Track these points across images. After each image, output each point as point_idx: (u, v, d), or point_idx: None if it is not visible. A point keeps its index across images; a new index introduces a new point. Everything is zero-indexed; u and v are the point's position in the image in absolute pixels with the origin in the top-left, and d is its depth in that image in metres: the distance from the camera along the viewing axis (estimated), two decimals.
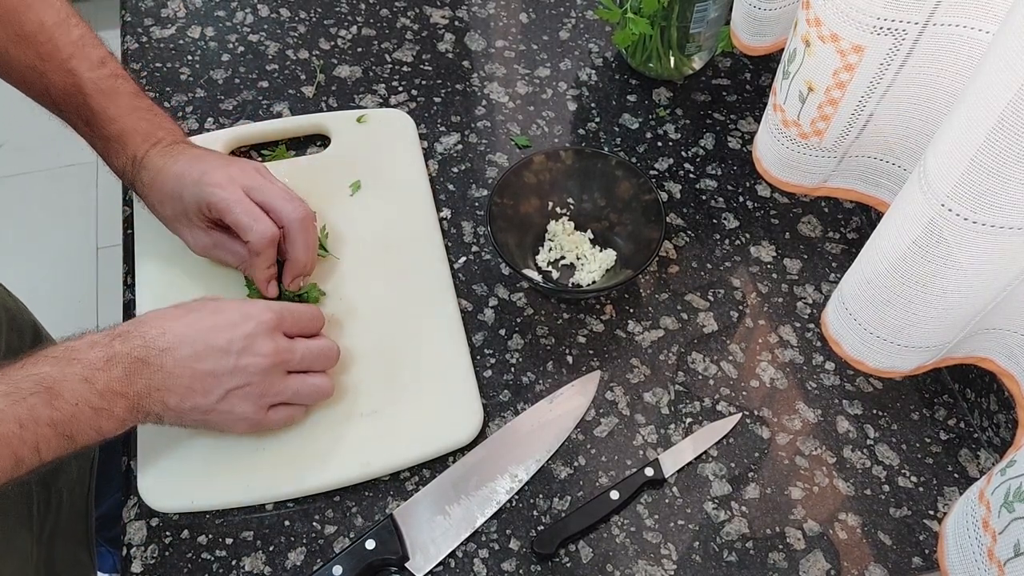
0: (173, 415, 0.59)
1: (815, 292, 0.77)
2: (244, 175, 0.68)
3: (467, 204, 0.83)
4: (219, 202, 0.66)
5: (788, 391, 0.72)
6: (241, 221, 0.66)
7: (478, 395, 0.69)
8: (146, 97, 0.72)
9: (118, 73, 0.70)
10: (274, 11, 0.97)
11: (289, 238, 0.69)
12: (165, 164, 0.68)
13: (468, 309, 0.76)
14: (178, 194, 0.68)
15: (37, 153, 1.99)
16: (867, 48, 0.52)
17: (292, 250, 0.69)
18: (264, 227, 0.67)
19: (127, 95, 0.70)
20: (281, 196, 0.68)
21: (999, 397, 0.67)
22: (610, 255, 0.77)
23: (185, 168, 0.68)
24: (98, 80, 0.68)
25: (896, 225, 0.49)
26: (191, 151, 0.70)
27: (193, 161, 0.68)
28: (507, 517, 0.65)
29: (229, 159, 0.70)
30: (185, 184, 0.67)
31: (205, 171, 0.67)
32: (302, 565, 0.63)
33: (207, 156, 0.69)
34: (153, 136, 0.70)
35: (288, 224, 0.68)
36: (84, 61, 0.68)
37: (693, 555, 0.64)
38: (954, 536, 0.51)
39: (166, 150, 0.69)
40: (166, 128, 0.71)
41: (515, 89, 0.91)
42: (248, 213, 0.66)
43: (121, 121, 0.69)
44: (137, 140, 0.69)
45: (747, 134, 0.88)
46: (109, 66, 0.70)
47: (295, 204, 0.68)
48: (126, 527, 0.64)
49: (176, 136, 0.71)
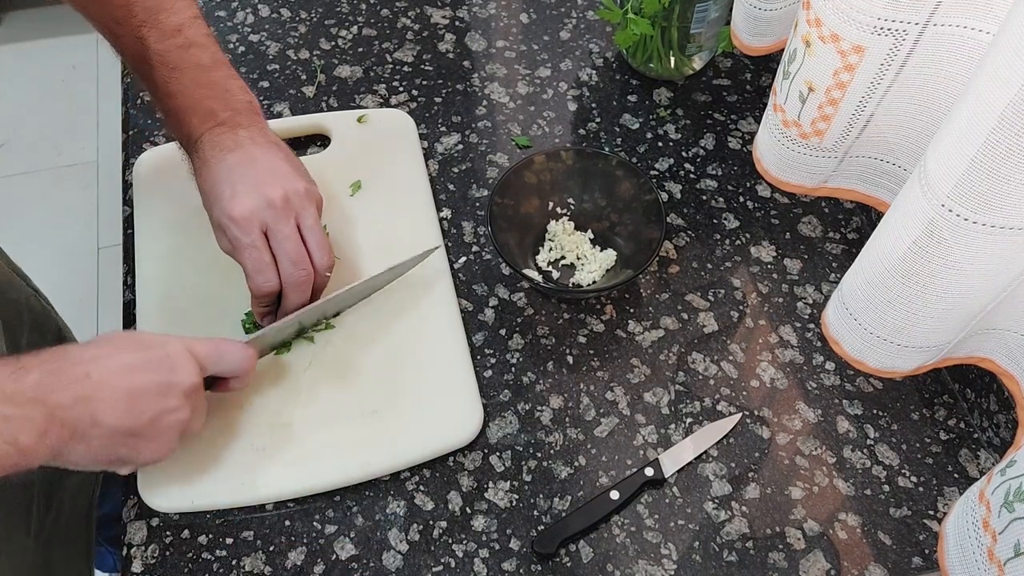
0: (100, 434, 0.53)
1: (815, 292, 0.77)
2: (271, 212, 0.64)
3: (467, 204, 0.83)
4: (232, 240, 0.65)
5: (788, 391, 0.72)
6: (246, 266, 0.65)
7: (478, 395, 0.69)
8: (221, 69, 0.68)
9: (194, 41, 0.67)
10: (275, 11, 0.97)
11: (284, 293, 0.67)
12: (211, 158, 0.65)
13: (468, 309, 0.76)
14: (209, 200, 0.66)
15: (37, 153, 2.00)
16: (867, 48, 0.52)
17: (284, 303, 0.68)
18: (263, 281, 0.65)
19: (194, 69, 0.67)
20: (289, 255, 0.65)
21: (999, 397, 0.67)
22: (610, 255, 0.77)
23: (222, 178, 0.65)
24: (165, 52, 0.66)
25: (896, 225, 0.49)
26: (242, 150, 0.66)
27: (235, 169, 0.65)
28: (507, 517, 0.65)
29: (278, 175, 0.66)
30: (216, 197, 0.65)
31: (236, 192, 0.64)
32: (302, 565, 0.63)
33: (253, 166, 0.65)
34: (213, 117, 0.67)
35: (284, 283, 0.66)
36: (155, 30, 0.65)
37: (693, 555, 0.64)
38: (954, 536, 0.51)
39: (220, 139, 0.66)
40: (232, 108, 0.68)
41: (516, 89, 0.91)
42: (254, 263, 0.65)
43: (181, 98, 0.67)
44: (194, 121, 0.67)
45: (747, 134, 0.88)
46: (185, 33, 0.66)
47: (297, 267, 0.65)
48: (126, 527, 0.64)
49: (240, 118, 0.68)
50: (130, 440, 0.55)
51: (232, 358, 0.62)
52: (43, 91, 2.10)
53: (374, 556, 0.63)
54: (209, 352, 0.60)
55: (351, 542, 0.64)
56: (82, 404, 0.52)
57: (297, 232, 0.66)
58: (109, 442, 0.54)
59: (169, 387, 0.56)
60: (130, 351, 0.56)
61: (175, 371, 0.57)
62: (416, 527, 0.65)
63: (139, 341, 0.57)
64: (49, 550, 0.78)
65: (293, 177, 0.67)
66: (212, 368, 0.61)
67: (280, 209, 0.65)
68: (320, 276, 0.68)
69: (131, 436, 0.55)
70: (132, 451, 0.56)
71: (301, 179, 0.68)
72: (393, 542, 0.64)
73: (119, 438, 0.54)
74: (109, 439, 0.54)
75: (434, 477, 0.67)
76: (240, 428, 0.67)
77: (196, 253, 0.75)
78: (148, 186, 0.80)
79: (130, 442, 0.55)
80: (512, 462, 0.68)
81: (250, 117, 0.69)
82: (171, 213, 0.78)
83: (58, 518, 0.80)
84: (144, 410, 0.55)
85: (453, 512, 0.65)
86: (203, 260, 0.74)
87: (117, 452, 0.55)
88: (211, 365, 0.60)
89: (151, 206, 0.79)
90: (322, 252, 0.67)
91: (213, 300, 0.73)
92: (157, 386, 0.55)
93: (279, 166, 0.67)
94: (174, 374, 0.56)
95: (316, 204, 0.68)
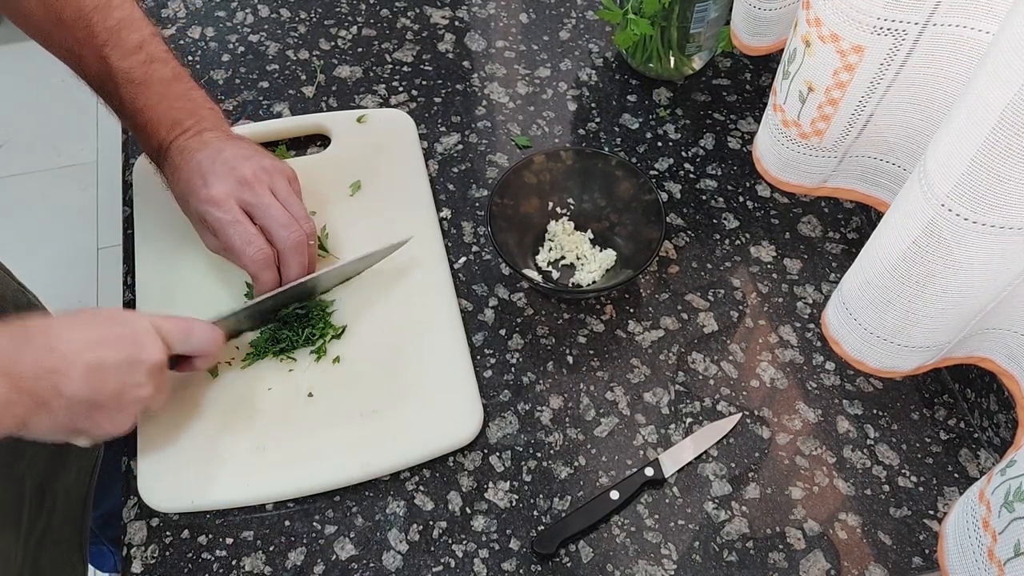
0: (63, 405, 0.54)
1: (815, 292, 0.77)
2: (246, 189, 0.66)
3: (467, 204, 0.83)
4: (213, 222, 0.66)
5: (788, 391, 0.72)
6: (234, 244, 0.66)
7: (478, 395, 0.69)
8: (183, 82, 0.70)
9: (156, 57, 0.69)
10: (274, 11, 0.97)
11: (283, 261, 0.68)
12: (181, 161, 0.67)
13: (468, 309, 0.76)
14: (185, 199, 0.68)
15: (37, 153, 2.00)
16: (867, 48, 0.52)
17: (286, 272, 0.68)
18: (254, 251, 0.66)
19: (159, 83, 0.68)
20: (277, 219, 0.67)
21: (999, 397, 0.67)
22: (610, 255, 0.77)
23: (194, 173, 0.66)
24: (129, 69, 0.67)
25: (896, 225, 0.49)
26: (209, 147, 0.68)
27: (204, 163, 0.67)
28: (507, 517, 0.65)
29: (245, 157, 0.68)
30: (190, 191, 0.67)
31: (208, 182, 0.66)
32: (302, 565, 0.63)
33: (220, 156, 0.67)
34: (179, 125, 0.68)
35: (281, 250, 0.67)
36: (117, 49, 0.67)
37: (693, 555, 0.64)
38: (954, 536, 0.51)
39: (187, 143, 0.68)
40: (197, 115, 0.69)
41: (515, 89, 0.91)
42: (240, 236, 0.66)
43: (148, 112, 0.68)
44: (162, 132, 0.68)
45: (747, 134, 0.88)
46: (147, 50, 0.68)
47: (290, 229, 0.67)
48: (126, 527, 0.64)
49: (205, 123, 0.69)
50: (92, 412, 0.56)
51: (199, 337, 0.63)
52: (43, 91, 2.10)
53: (374, 556, 0.63)
54: (176, 330, 0.61)
55: (351, 542, 0.64)
56: (46, 376, 0.52)
57: (277, 200, 0.68)
58: (70, 414, 0.55)
59: (134, 364, 0.57)
60: (97, 326, 0.57)
61: (141, 348, 0.57)
62: (416, 527, 0.65)
63: (106, 317, 0.58)
64: (39, 552, 0.77)
65: (259, 157, 0.69)
66: (179, 347, 0.61)
67: (254, 184, 0.67)
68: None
69: (93, 408, 0.56)
70: (92, 424, 0.57)
71: (267, 157, 0.70)
72: (393, 542, 0.64)
73: (81, 410, 0.55)
74: (71, 411, 0.55)
75: (434, 477, 0.67)
76: (240, 428, 0.67)
77: (196, 253, 0.74)
78: (148, 186, 0.80)
79: (91, 414, 0.56)
80: (512, 462, 0.68)
81: (214, 121, 0.71)
82: (171, 213, 0.77)
83: (50, 518, 0.79)
84: (108, 384, 0.55)
85: (453, 512, 0.65)
86: (203, 260, 0.74)
87: (77, 423, 0.56)
88: (178, 344, 0.61)
89: (151, 206, 0.79)
90: (303, 220, 0.68)
91: (213, 300, 0.73)
92: (122, 362, 0.56)
93: (244, 151, 0.69)
94: (140, 351, 0.57)
95: (288, 177, 0.70)
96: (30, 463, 0.76)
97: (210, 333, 0.63)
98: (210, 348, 0.63)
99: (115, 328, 0.57)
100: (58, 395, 0.53)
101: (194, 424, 0.67)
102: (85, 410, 0.55)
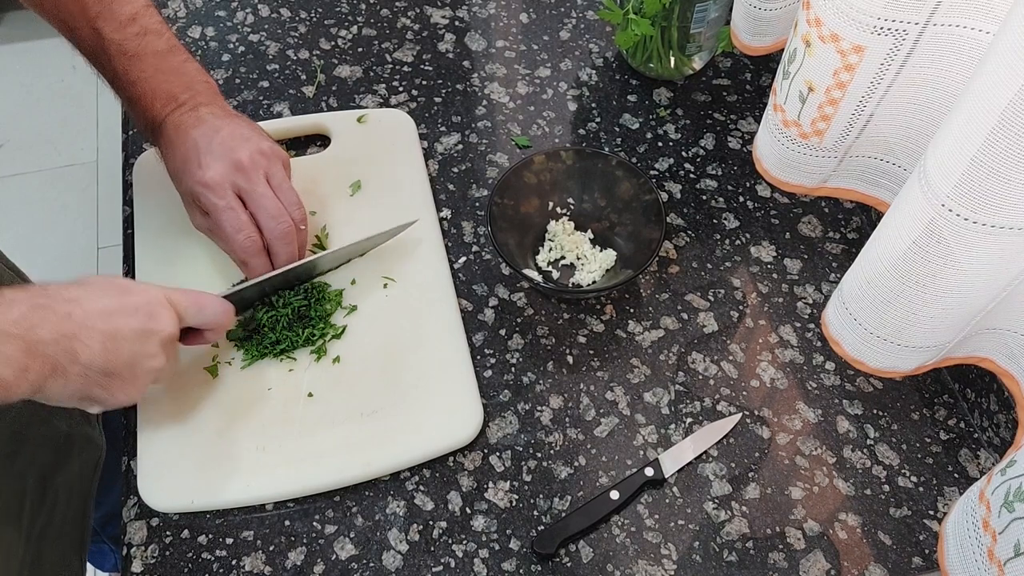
0: (79, 371, 0.54)
1: (815, 292, 0.77)
2: (241, 174, 0.67)
3: (467, 204, 0.83)
4: (206, 205, 0.66)
5: (788, 391, 0.72)
6: (224, 230, 0.66)
7: (478, 395, 0.69)
8: (177, 54, 0.70)
9: (149, 29, 0.68)
10: (274, 11, 0.97)
11: (272, 251, 0.68)
12: (177, 138, 0.67)
13: (468, 309, 0.76)
14: (179, 177, 0.68)
15: (37, 153, 2.00)
16: (867, 48, 0.52)
17: (275, 259, 0.69)
18: (244, 239, 0.66)
19: (153, 55, 0.68)
20: (268, 210, 0.67)
21: (999, 397, 0.67)
22: (610, 255, 0.77)
23: (190, 151, 0.66)
24: (123, 41, 0.67)
25: (896, 225, 0.49)
26: (205, 124, 0.67)
27: (201, 142, 0.66)
28: (507, 517, 0.65)
29: (243, 139, 0.68)
30: (185, 171, 0.66)
31: (203, 163, 0.66)
32: (302, 565, 0.63)
33: (217, 136, 0.67)
34: (174, 99, 0.68)
35: (270, 239, 0.68)
36: (110, 21, 0.67)
37: (693, 555, 0.64)
38: (954, 536, 0.51)
39: (183, 118, 0.67)
40: (192, 89, 0.69)
41: (515, 89, 0.91)
42: (231, 223, 0.66)
43: (142, 84, 0.68)
44: (156, 106, 0.68)
45: (747, 134, 0.88)
46: (140, 22, 0.68)
47: (279, 220, 0.67)
48: (126, 527, 0.64)
49: (200, 98, 0.69)
50: (105, 380, 0.56)
51: (211, 310, 0.63)
52: (42, 91, 2.10)
53: (374, 556, 0.63)
54: (189, 303, 0.61)
55: (351, 542, 0.64)
56: (64, 341, 0.53)
57: (270, 189, 0.68)
58: (85, 380, 0.55)
59: (148, 334, 0.57)
60: (112, 295, 0.57)
61: (154, 319, 0.58)
62: (416, 527, 0.65)
63: (121, 286, 0.59)
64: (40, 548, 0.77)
65: (257, 139, 0.69)
66: (191, 319, 0.62)
67: (249, 170, 0.67)
68: (296, 229, 0.69)
69: (107, 377, 0.56)
70: (105, 392, 0.57)
71: (265, 139, 0.69)
72: (393, 542, 0.64)
73: (96, 377, 0.55)
74: (86, 378, 0.55)
75: (434, 477, 0.67)
76: (240, 428, 0.67)
77: (196, 253, 0.75)
78: (148, 186, 0.80)
79: (105, 382, 0.56)
80: (512, 462, 0.68)
81: (209, 96, 0.70)
82: (171, 213, 0.78)
83: (52, 515, 0.79)
84: (122, 354, 0.56)
85: (453, 512, 0.65)
86: (203, 260, 0.74)
87: (91, 391, 0.56)
88: (190, 317, 0.62)
89: (151, 206, 0.79)
90: (295, 207, 0.69)
91: None
92: (136, 331, 0.57)
93: (242, 131, 0.68)
94: (153, 321, 0.58)
95: (283, 162, 0.70)
96: (31, 458, 0.76)
97: (221, 306, 0.64)
98: (222, 321, 0.64)
99: (131, 298, 0.58)
100: (75, 361, 0.54)
101: (194, 424, 0.67)
102: (99, 378, 0.56)
